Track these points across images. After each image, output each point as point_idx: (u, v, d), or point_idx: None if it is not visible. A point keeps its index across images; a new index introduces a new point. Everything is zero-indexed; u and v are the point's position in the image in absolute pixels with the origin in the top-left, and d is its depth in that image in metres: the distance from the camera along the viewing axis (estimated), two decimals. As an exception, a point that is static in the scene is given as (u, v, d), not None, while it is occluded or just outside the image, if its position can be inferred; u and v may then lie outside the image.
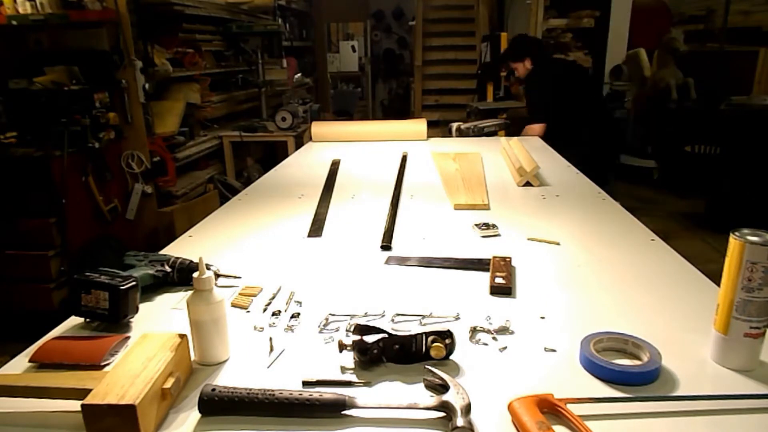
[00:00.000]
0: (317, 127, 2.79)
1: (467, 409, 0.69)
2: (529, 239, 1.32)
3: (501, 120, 3.02)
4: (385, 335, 0.81)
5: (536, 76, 3.11)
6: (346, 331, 0.91)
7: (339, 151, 2.33)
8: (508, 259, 1.15)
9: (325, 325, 0.93)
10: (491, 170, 2.04)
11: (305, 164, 2.27)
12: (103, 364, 0.82)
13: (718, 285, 0.81)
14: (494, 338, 0.89)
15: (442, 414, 0.70)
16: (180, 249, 1.26)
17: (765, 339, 0.79)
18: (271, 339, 0.88)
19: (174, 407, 0.73)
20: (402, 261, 1.20)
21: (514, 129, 3.29)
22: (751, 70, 4.86)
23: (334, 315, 0.96)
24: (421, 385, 0.77)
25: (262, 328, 0.93)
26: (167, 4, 3.46)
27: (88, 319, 0.94)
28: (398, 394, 0.76)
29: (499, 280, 1.05)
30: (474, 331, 0.90)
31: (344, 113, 7.33)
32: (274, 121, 4.32)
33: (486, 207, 1.54)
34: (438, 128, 4.00)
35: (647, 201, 4.80)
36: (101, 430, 0.65)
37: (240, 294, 1.05)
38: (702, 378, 0.78)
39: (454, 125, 3.01)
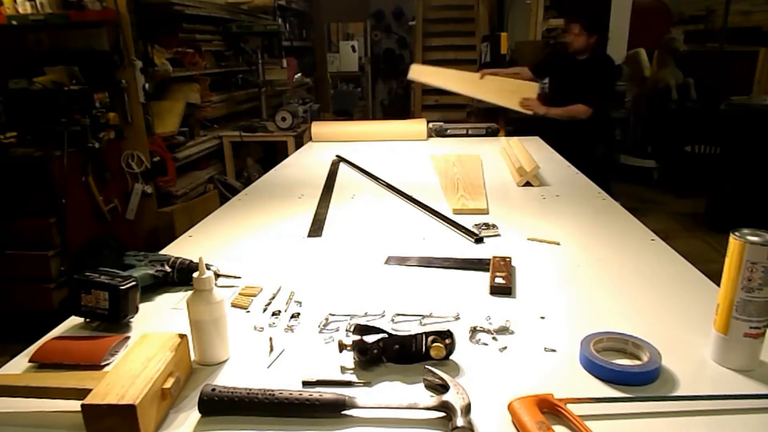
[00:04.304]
0: (317, 127, 2.79)
1: (467, 409, 0.69)
2: (529, 239, 1.32)
3: (470, 125, 2.97)
4: (385, 335, 0.81)
5: (610, 66, 3.19)
6: (346, 331, 0.91)
7: (339, 152, 2.33)
8: (508, 259, 1.15)
9: (325, 325, 0.93)
10: (491, 170, 2.04)
11: (305, 164, 2.27)
12: (103, 364, 0.82)
13: (718, 285, 0.81)
14: (494, 338, 0.89)
15: (442, 414, 0.70)
16: (180, 249, 1.26)
17: (765, 339, 0.79)
18: (271, 339, 0.88)
19: (174, 407, 0.73)
20: (402, 261, 1.20)
21: (516, 130, 3.30)
22: (751, 70, 4.85)
23: (334, 315, 0.96)
24: (421, 385, 0.77)
25: (262, 328, 0.93)
26: (167, 4, 3.45)
27: (88, 319, 0.94)
28: (398, 394, 0.76)
29: (499, 280, 1.05)
30: (474, 331, 0.90)
31: (344, 113, 7.33)
32: (274, 121, 4.32)
33: (485, 212, 1.54)
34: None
35: (647, 201, 4.80)
36: (101, 430, 0.65)
37: (240, 294, 1.05)
38: (702, 378, 0.78)
39: (430, 125, 3.00)
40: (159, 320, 0.97)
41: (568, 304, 1.00)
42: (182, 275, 1.08)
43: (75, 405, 0.66)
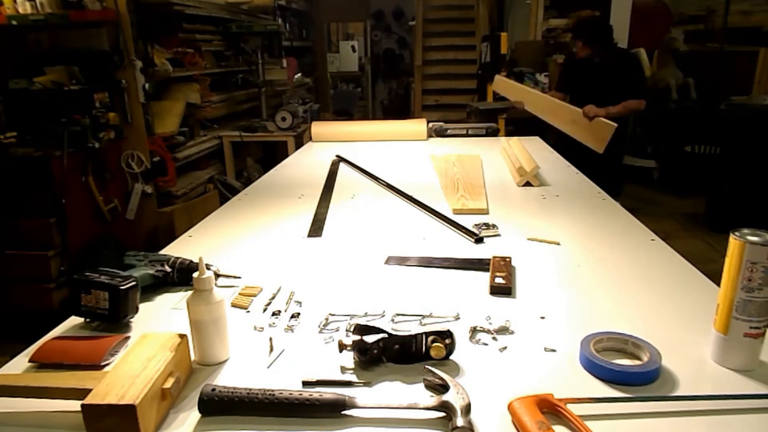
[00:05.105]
0: (317, 127, 2.79)
1: (467, 409, 0.69)
2: (529, 239, 1.32)
3: (470, 125, 3.00)
4: (385, 335, 0.81)
5: (635, 58, 3.40)
6: (346, 331, 0.91)
7: (339, 152, 2.33)
8: (508, 259, 1.15)
9: (325, 325, 0.93)
10: (491, 170, 2.04)
11: (305, 164, 2.27)
12: (103, 364, 0.82)
13: (718, 285, 0.81)
14: (494, 338, 0.89)
15: (442, 414, 0.70)
16: (180, 249, 1.26)
17: (765, 339, 0.79)
18: (271, 339, 0.88)
19: (174, 407, 0.73)
20: (402, 261, 1.20)
21: (516, 130, 3.30)
22: (751, 70, 4.85)
23: (334, 315, 0.96)
24: (421, 385, 0.77)
25: (262, 328, 0.93)
26: (167, 4, 3.45)
27: (88, 319, 0.94)
28: (398, 394, 0.76)
29: (499, 280, 1.05)
30: (474, 331, 0.90)
31: (344, 113, 7.33)
32: (274, 121, 4.32)
33: (485, 212, 1.54)
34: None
35: (647, 201, 4.80)
36: (101, 430, 0.65)
37: (240, 294, 1.05)
38: (702, 378, 0.78)
39: (430, 125, 3.00)
40: (159, 320, 0.97)
41: (568, 304, 1.00)
42: (182, 275, 1.08)
43: (75, 405, 0.66)
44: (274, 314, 0.98)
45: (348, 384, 0.78)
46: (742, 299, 0.76)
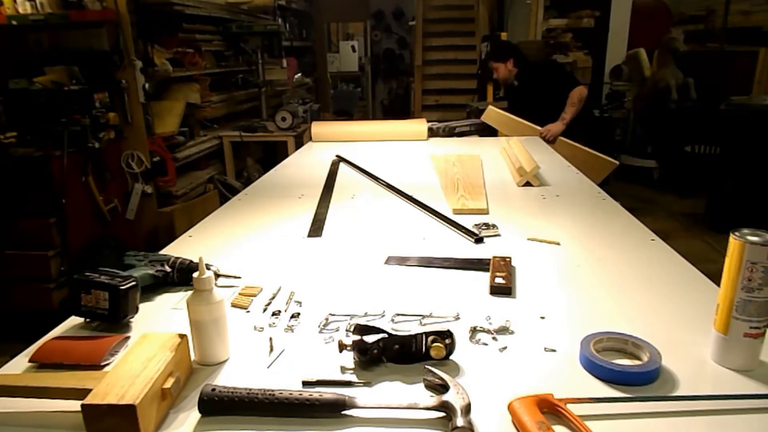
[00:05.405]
0: (317, 127, 2.79)
1: (467, 409, 0.69)
2: (529, 239, 1.32)
3: (473, 121, 3.04)
4: (385, 335, 0.81)
5: (549, 62, 3.49)
6: (346, 331, 0.91)
7: (339, 152, 2.33)
8: (508, 259, 1.15)
9: (325, 325, 0.93)
10: (491, 170, 2.04)
11: (305, 164, 2.27)
12: (103, 364, 0.82)
13: (718, 285, 0.81)
14: (494, 338, 0.89)
15: (442, 414, 0.70)
16: (180, 249, 1.26)
17: (765, 339, 0.79)
18: (271, 339, 0.88)
19: (174, 407, 0.73)
20: (402, 261, 1.20)
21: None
22: (751, 70, 4.86)
23: (334, 315, 0.96)
24: (421, 385, 0.77)
25: (262, 328, 0.93)
26: (167, 4, 3.45)
27: (88, 319, 0.94)
28: (398, 394, 0.76)
29: (499, 280, 1.05)
30: (474, 331, 0.90)
31: (344, 113, 7.33)
32: (274, 121, 4.32)
33: (485, 212, 1.54)
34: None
35: (647, 201, 4.80)
36: (101, 430, 0.65)
37: (240, 294, 1.05)
38: (702, 378, 0.78)
39: (430, 125, 3.01)
40: (159, 320, 0.97)
41: (568, 304, 1.00)
42: (182, 275, 1.08)
43: (75, 405, 0.66)
44: (274, 314, 0.98)
45: (348, 384, 0.78)
46: (742, 299, 0.76)
